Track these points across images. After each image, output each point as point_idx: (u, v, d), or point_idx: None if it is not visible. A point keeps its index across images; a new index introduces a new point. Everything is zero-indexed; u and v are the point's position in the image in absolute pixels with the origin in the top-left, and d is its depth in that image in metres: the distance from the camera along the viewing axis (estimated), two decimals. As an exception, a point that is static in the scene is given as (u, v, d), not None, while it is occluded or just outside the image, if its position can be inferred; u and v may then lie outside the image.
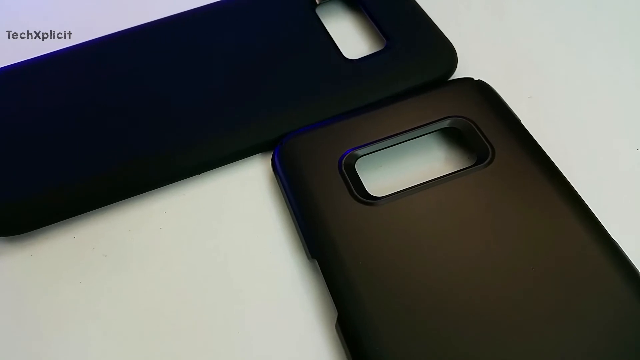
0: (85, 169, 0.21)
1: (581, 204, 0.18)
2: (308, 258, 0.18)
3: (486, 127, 0.20)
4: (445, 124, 0.21)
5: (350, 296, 0.17)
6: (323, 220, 0.18)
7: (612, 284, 0.16)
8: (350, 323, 0.16)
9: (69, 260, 0.20)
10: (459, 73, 0.23)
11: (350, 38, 0.25)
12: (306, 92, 0.22)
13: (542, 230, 0.18)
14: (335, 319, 0.17)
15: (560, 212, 0.18)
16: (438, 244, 0.18)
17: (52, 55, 0.24)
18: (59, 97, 0.23)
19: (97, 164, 0.21)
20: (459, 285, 0.17)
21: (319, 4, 0.26)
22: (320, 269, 0.18)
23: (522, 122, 0.21)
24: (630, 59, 0.24)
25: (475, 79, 0.22)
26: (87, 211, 0.21)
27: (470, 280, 0.17)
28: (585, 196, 0.18)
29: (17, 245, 0.20)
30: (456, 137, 0.22)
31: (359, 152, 0.20)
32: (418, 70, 0.23)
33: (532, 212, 0.18)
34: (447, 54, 0.23)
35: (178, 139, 0.21)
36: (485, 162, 0.19)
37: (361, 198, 0.19)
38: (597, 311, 0.16)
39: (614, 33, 0.25)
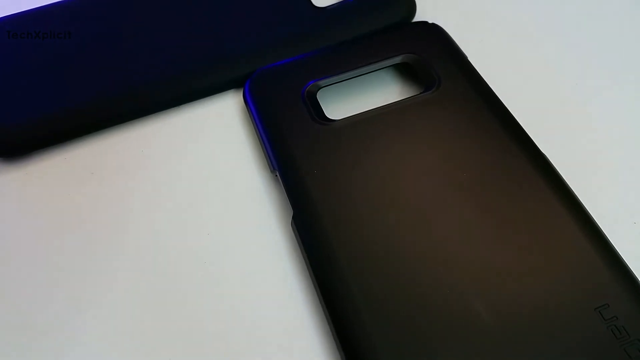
0: (75, 100, 0.23)
1: (516, 124, 0.20)
2: (271, 171, 0.21)
3: (434, 62, 0.22)
4: (398, 59, 0.23)
5: (303, 197, 0.19)
6: (284, 138, 0.21)
7: (546, 199, 0.19)
8: (303, 219, 0.19)
9: (59, 177, 0.22)
10: (418, 18, 0.25)
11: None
12: (277, 34, 0.25)
13: (480, 148, 0.20)
14: (291, 218, 0.19)
15: (498, 132, 0.20)
16: (383, 156, 0.20)
17: (48, 7, 0.27)
18: (51, 38, 0.25)
19: (86, 95, 0.23)
20: (398, 188, 0.19)
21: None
22: (280, 178, 0.20)
23: (472, 61, 0.23)
24: (571, 7, 0.26)
25: (430, 22, 0.24)
26: (77, 137, 0.23)
27: (408, 186, 0.19)
28: (525, 123, 0.21)
29: (13, 165, 0.23)
30: (410, 74, 0.24)
31: (321, 82, 0.22)
32: (379, 16, 0.25)
33: (472, 133, 0.20)
34: (406, 2, 0.25)
35: (161, 73, 0.24)
36: (432, 90, 0.22)
37: (319, 120, 0.21)
38: (534, 226, 0.18)
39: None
